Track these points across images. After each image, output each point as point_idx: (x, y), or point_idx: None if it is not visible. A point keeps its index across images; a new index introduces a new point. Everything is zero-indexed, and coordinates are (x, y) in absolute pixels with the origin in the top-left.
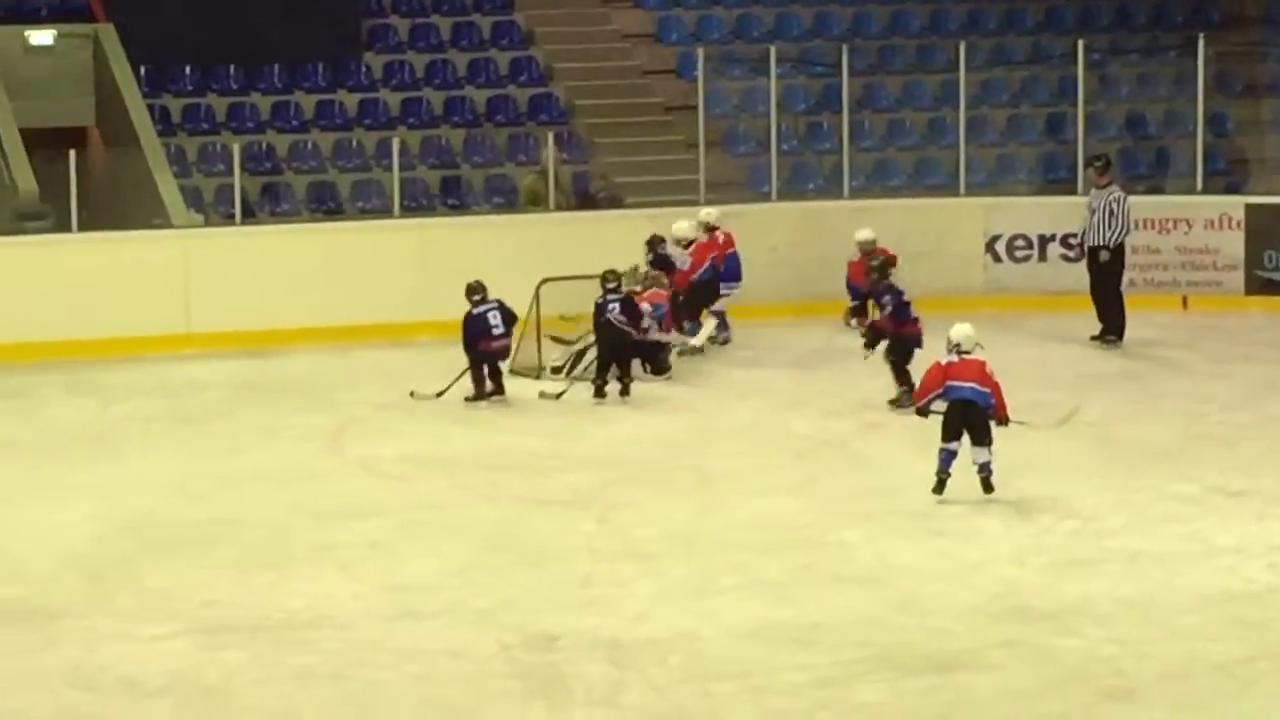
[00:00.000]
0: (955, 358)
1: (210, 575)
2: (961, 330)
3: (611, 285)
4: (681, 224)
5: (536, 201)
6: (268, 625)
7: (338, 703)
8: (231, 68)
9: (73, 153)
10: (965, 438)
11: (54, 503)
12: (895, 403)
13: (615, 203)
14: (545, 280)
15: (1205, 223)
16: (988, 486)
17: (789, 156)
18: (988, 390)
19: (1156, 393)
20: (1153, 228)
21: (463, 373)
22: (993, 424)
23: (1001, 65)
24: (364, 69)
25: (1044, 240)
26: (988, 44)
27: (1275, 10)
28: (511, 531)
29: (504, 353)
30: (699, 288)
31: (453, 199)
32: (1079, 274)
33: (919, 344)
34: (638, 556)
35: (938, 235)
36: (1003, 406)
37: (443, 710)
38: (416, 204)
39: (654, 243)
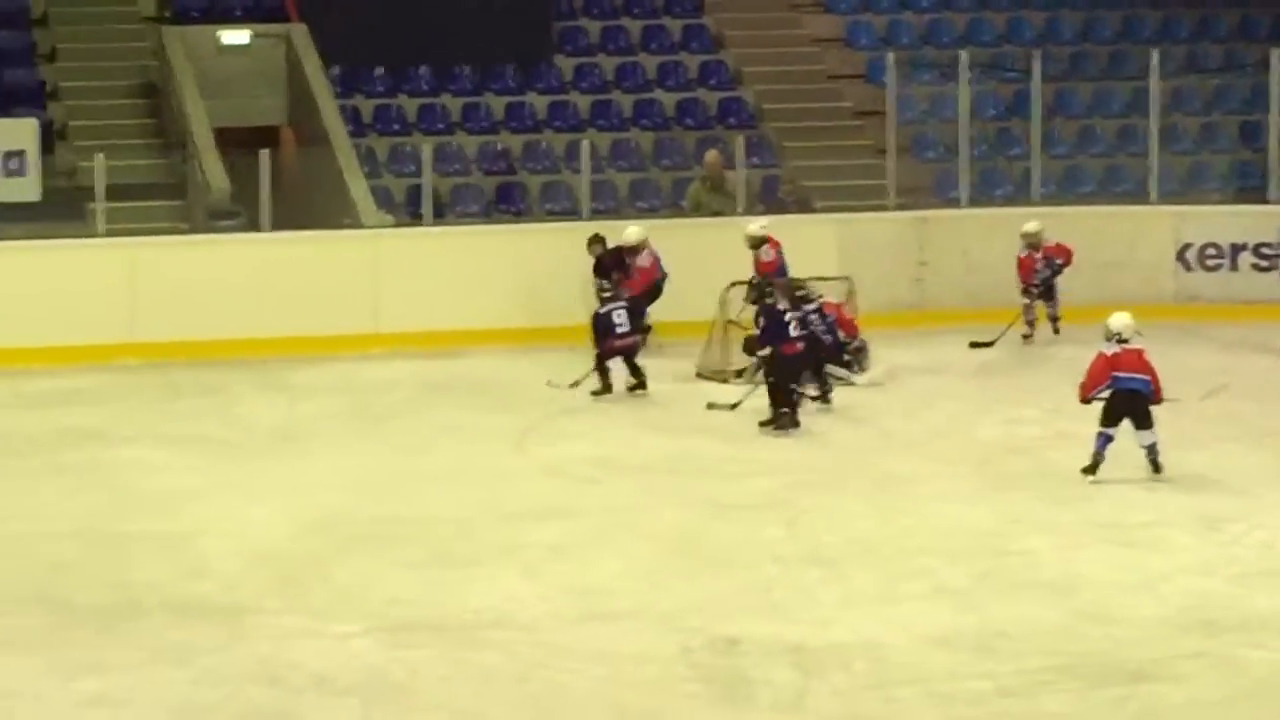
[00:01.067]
0: (1117, 347)
1: (397, 573)
2: (1121, 319)
3: (802, 294)
4: (754, 225)
5: (700, 209)
6: (453, 624)
7: (521, 703)
8: (423, 69)
9: (265, 152)
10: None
11: (244, 499)
12: (768, 424)
13: (803, 207)
14: (734, 284)
15: None
16: (1156, 467)
17: (978, 162)
18: (1148, 378)
19: None
20: None
21: (593, 369)
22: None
23: (1194, 73)
24: (554, 71)
25: (1236, 249)
26: (1180, 51)
27: None
28: (697, 535)
29: (631, 349)
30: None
31: (641, 201)
32: (1271, 283)
33: (803, 364)
34: (823, 562)
35: (1128, 243)
36: (1159, 390)
37: (626, 713)
38: (605, 206)
39: (596, 241)
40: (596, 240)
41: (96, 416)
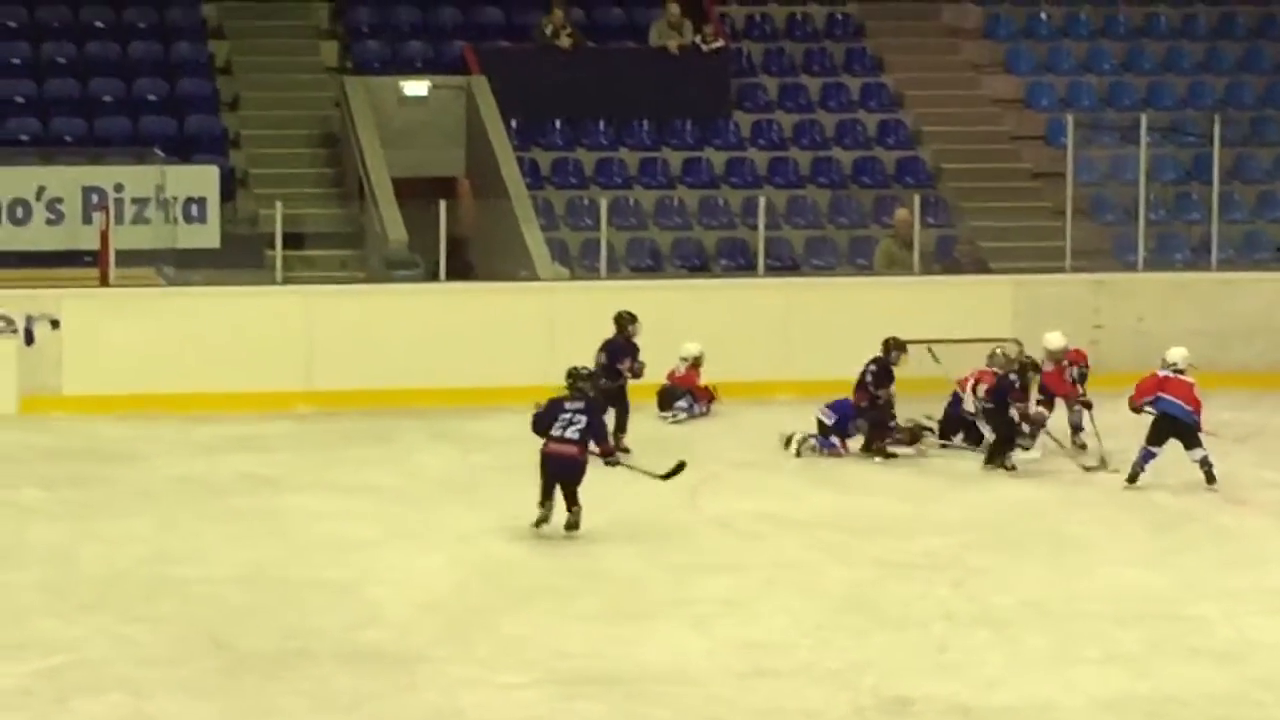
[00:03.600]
0: (1171, 374)
1: (567, 626)
2: (1178, 352)
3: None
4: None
5: (892, 264)
6: (623, 678)
7: None
8: (601, 123)
9: (443, 203)
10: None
11: (415, 548)
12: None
13: (979, 267)
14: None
15: None
16: (1210, 478)
17: (1156, 226)
18: (1192, 408)
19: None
20: None
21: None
22: None
23: None
24: (732, 127)
25: None
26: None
27: None
28: (866, 593)
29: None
30: None
31: (818, 259)
32: None
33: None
34: (993, 623)
35: None
36: (1200, 420)
37: None
38: (781, 263)
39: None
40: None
41: (270, 463)
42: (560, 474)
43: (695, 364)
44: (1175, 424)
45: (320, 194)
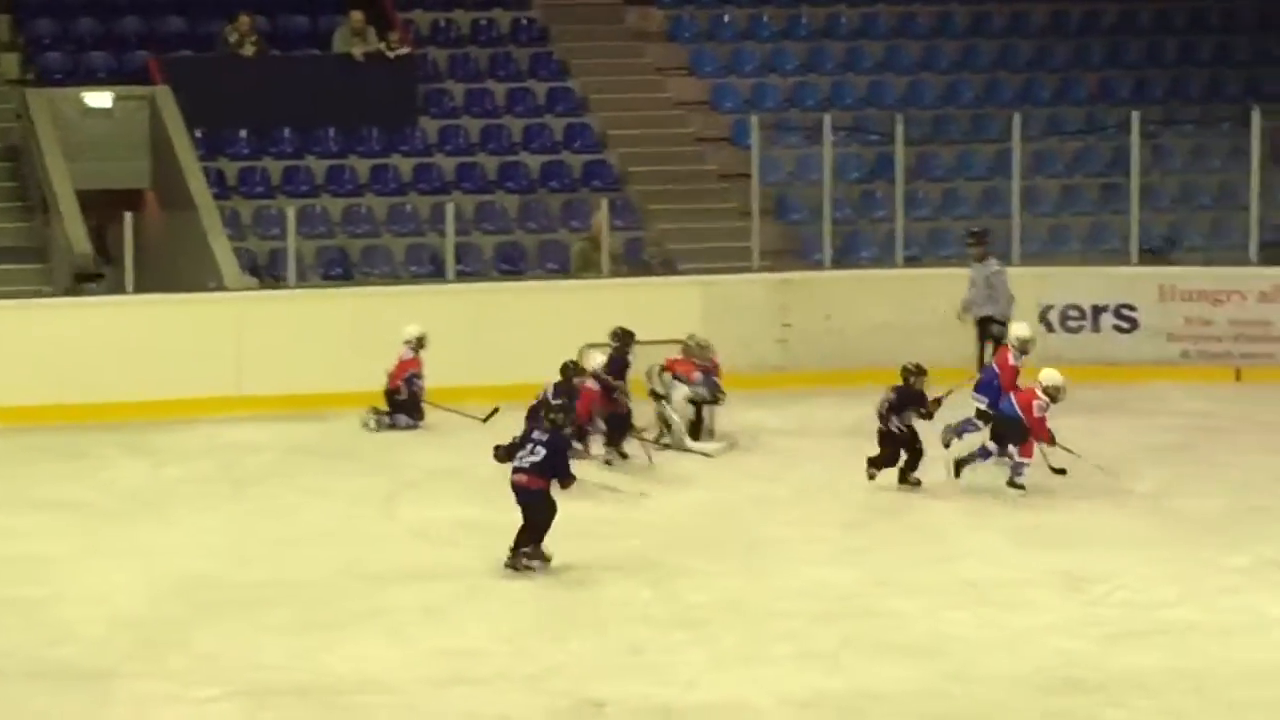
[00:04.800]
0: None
1: (260, 638)
2: (1051, 375)
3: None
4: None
5: (587, 266)
6: (317, 689)
7: None
8: (287, 131)
9: (129, 215)
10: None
11: (107, 564)
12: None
13: (668, 269)
14: (588, 346)
15: (1259, 294)
16: (1014, 484)
17: (842, 225)
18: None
19: (1209, 464)
20: (1206, 299)
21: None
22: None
23: (1055, 135)
24: (419, 133)
25: (1097, 310)
26: (1042, 114)
27: None
28: (565, 596)
29: None
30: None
31: (507, 265)
32: (1131, 344)
33: None
34: (690, 623)
35: None
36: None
37: None
38: (470, 269)
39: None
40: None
41: None
42: (519, 502)
43: (419, 345)
44: (1008, 425)
45: (2, 208)
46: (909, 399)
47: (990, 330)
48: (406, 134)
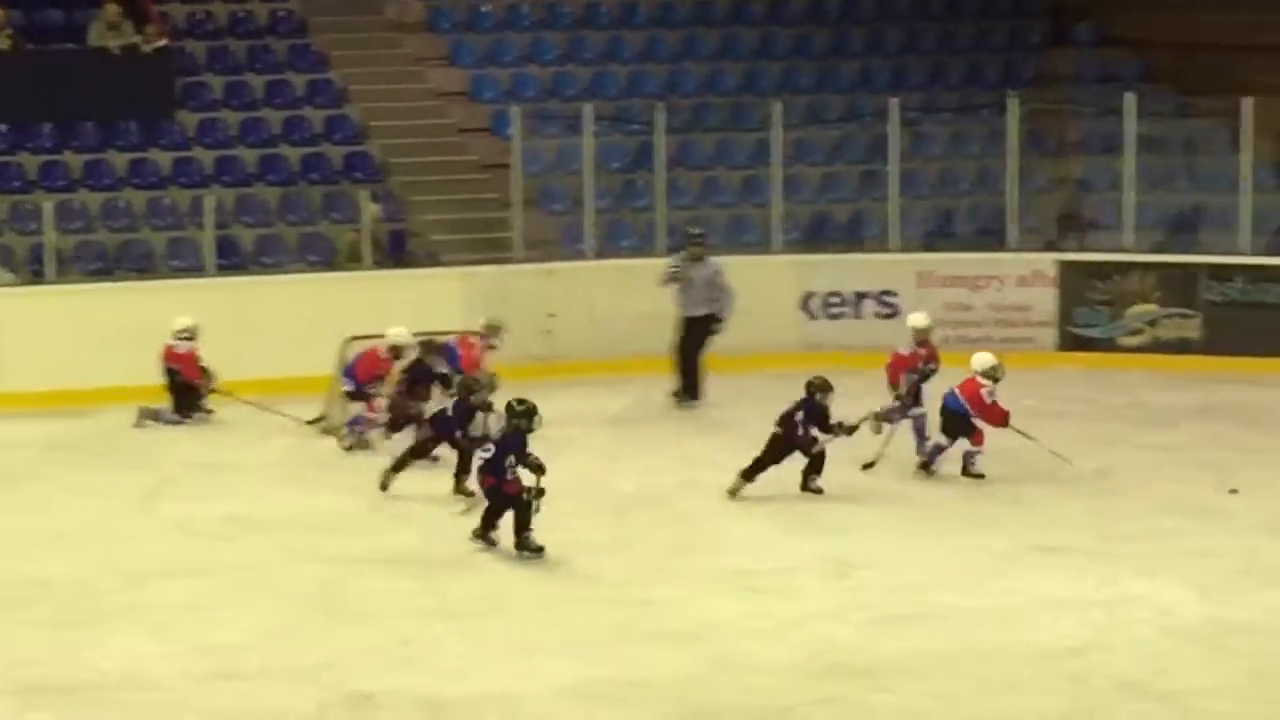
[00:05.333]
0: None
1: (19, 635)
2: (983, 358)
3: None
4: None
5: (357, 258)
6: (79, 686)
7: None
8: (44, 126)
9: None
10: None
11: None
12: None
13: (431, 260)
14: (353, 338)
15: (1017, 279)
16: (966, 469)
17: (604, 214)
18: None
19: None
20: (966, 285)
21: None
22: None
23: (816, 123)
24: (177, 127)
25: (859, 297)
26: (802, 102)
27: (1085, 68)
28: (330, 591)
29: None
30: None
31: (268, 257)
32: (891, 331)
33: None
34: (457, 615)
35: (752, 292)
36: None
37: None
38: (231, 263)
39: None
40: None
41: None
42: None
43: (189, 336)
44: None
45: None
46: (814, 414)
47: (711, 329)
48: (165, 127)
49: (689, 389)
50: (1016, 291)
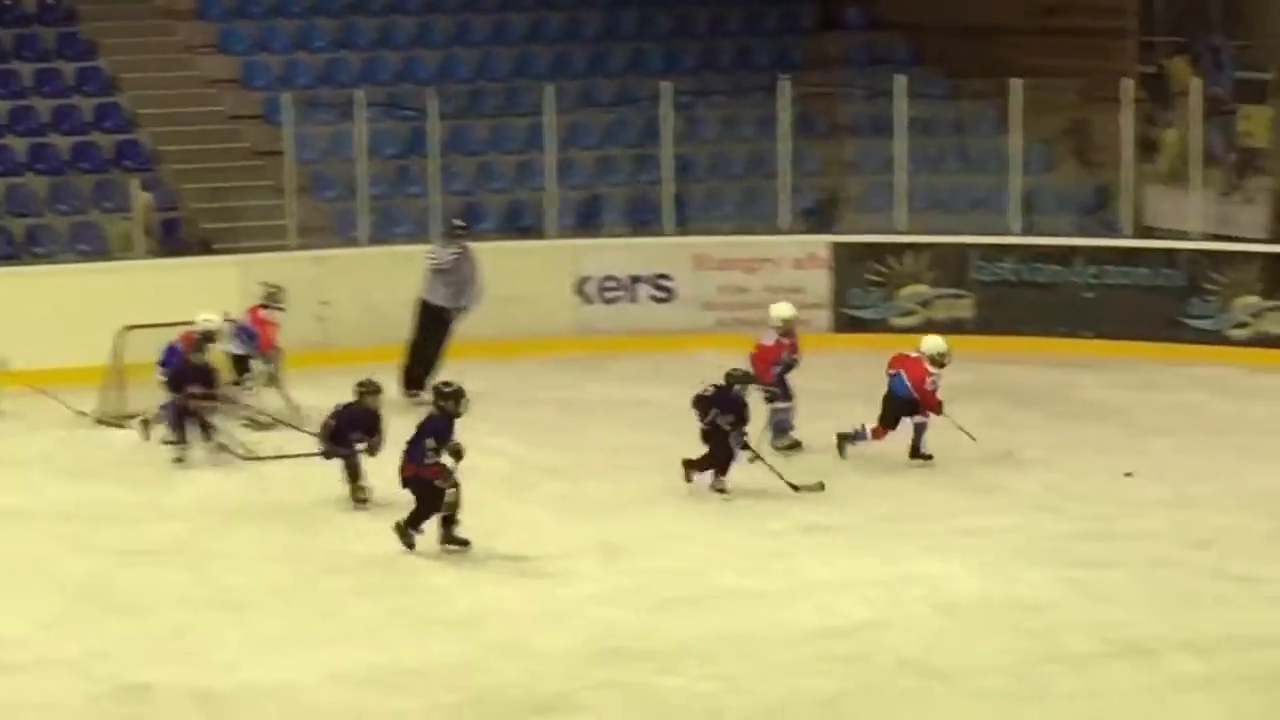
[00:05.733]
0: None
1: None
2: (933, 342)
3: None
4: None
5: (128, 247)
6: None
7: None
8: None
9: None
10: None
11: None
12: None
13: (204, 249)
14: (129, 327)
15: (792, 262)
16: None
17: (378, 201)
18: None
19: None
20: (741, 267)
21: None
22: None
23: (589, 108)
24: None
25: (634, 281)
26: (575, 87)
27: (856, 52)
28: (102, 582)
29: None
30: None
31: (39, 247)
32: (666, 314)
33: None
34: (231, 605)
35: (528, 277)
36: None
37: None
38: (1, 253)
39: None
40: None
41: None
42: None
43: None
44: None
45: None
46: (727, 404)
47: (453, 319)
48: None
49: (418, 380)
50: (791, 273)
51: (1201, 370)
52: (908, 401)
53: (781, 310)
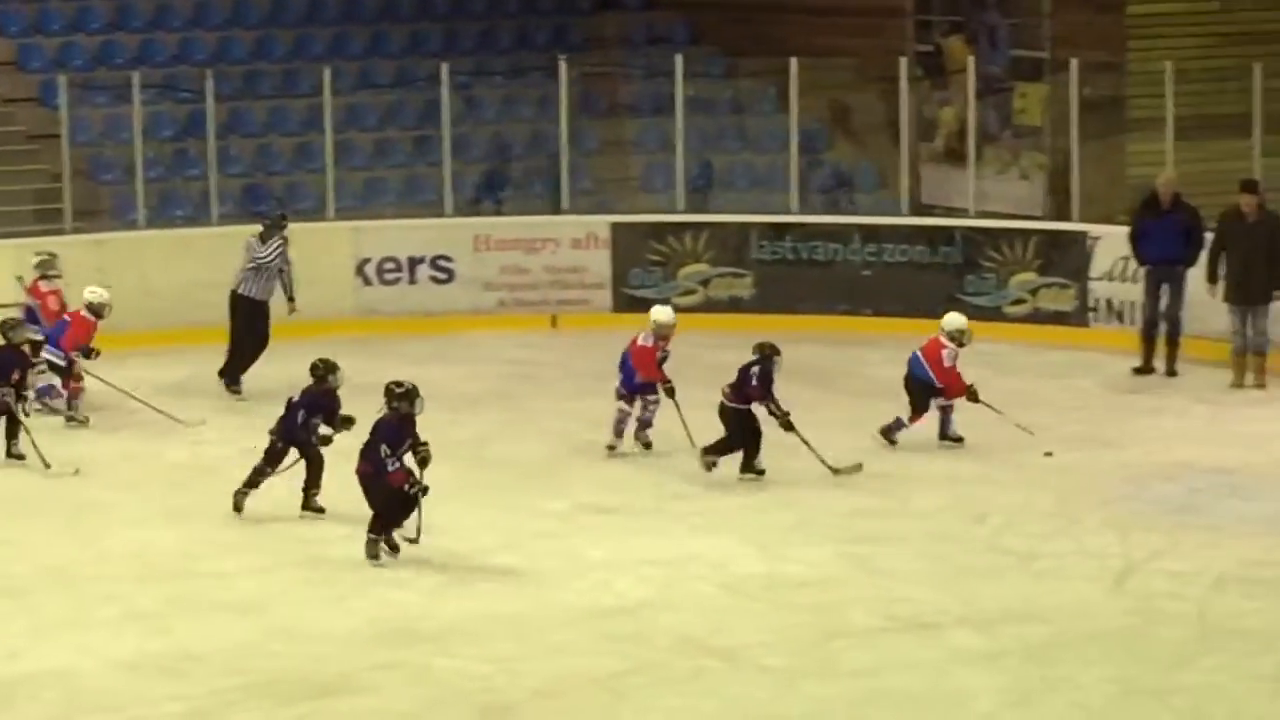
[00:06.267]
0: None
1: None
2: (954, 318)
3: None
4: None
5: None
6: None
7: None
8: None
9: None
10: None
11: None
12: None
13: None
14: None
15: (572, 242)
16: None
17: (156, 184)
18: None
19: (528, 412)
20: (521, 248)
21: None
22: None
23: (368, 89)
24: None
25: (414, 262)
26: (353, 68)
27: (635, 32)
28: None
29: None
30: None
31: None
32: (449, 294)
33: None
34: (11, 593)
35: (308, 259)
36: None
37: None
38: None
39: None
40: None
41: None
42: None
43: None
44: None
45: None
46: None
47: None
48: None
49: (235, 374)
50: (571, 254)
51: (980, 347)
52: (926, 383)
53: (661, 314)
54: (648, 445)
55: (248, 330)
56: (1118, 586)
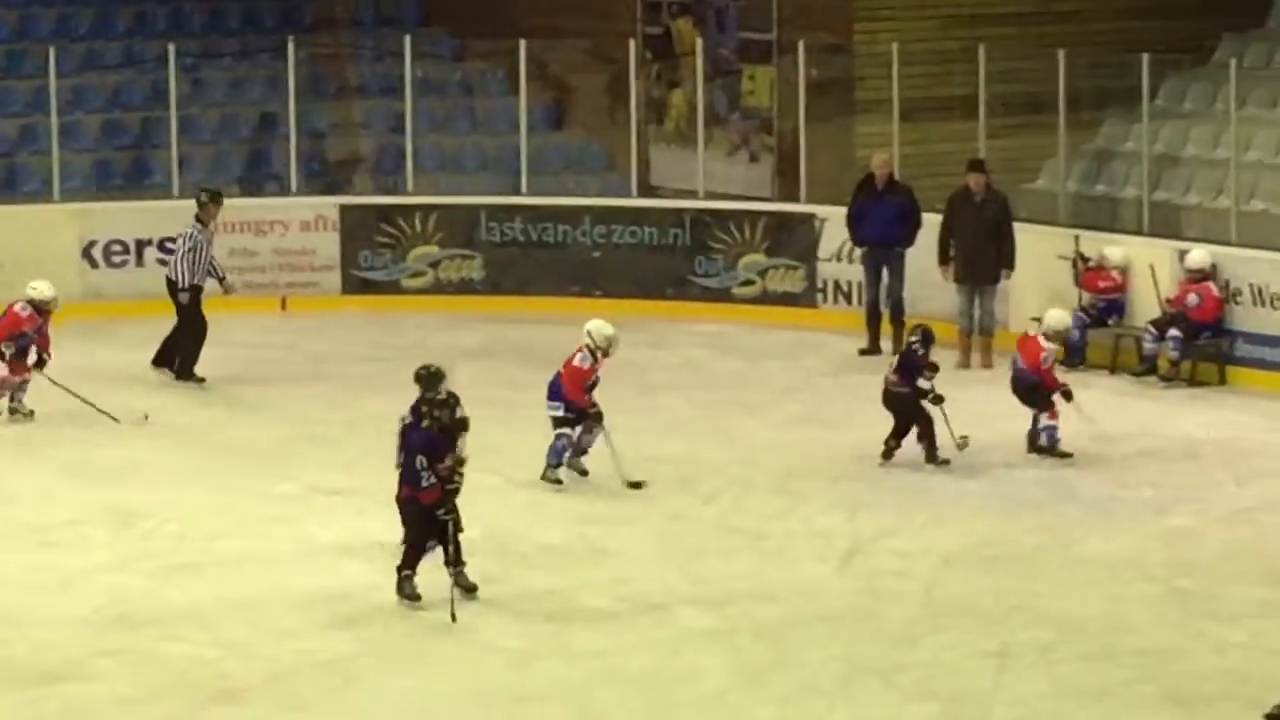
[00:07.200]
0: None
1: None
2: (1057, 316)
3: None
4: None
5: None
6: None
7: None
8: None
9: None
10: None
11: None
12: None
13: None
14: None
15: (301, 224)
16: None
17: None
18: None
19: (257, 394)
20: (250, 230)
21: None
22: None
23: (94, 70)
24: None
25: (141, 245)
26: (79, 49)
27: (364, 13)
28: None
29: None
30: None
31: None
32: None
33: None
34: None
35: (33, 242)
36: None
37: None
38: None
39: None
40: None
41: None
42: None
43: None
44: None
45: None
46: (912, 363)
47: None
48: None
49: (170, 359)
50: (300, 236)
51: (709, 327)
52: (1032, 383)
53: (603, 329)
54: (583, 473)
55: (188, 315)
56: (845, 565)
